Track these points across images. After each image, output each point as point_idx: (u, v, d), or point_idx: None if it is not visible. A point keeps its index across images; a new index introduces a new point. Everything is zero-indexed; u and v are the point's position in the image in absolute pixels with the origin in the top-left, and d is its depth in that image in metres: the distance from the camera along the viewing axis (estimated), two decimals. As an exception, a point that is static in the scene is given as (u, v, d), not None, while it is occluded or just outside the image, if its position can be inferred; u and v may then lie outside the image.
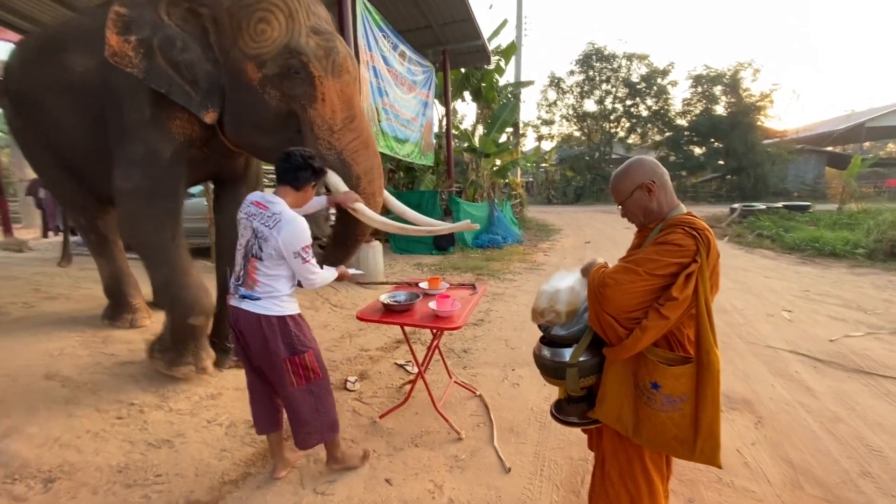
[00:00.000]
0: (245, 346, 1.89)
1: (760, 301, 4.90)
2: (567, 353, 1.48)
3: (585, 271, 1.52)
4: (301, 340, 1.89)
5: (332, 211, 2.75)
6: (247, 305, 1.83)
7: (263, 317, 1.82)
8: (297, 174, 1.86)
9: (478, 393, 2.88)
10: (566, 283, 1.53)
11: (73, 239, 8.63)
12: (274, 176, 2.37)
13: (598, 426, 1.56)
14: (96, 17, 2.78)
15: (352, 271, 2.19)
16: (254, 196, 1.90)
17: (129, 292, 3.72)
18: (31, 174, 12.59)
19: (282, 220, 1.77)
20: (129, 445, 2.28)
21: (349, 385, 2.99)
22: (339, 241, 2.66)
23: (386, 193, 2.71)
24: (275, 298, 1.84)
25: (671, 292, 1.27)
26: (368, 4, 6.07)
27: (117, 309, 3.67)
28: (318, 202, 2.17)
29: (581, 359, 1.46)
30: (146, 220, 2.70)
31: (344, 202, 2.31)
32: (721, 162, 23.15)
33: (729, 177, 23.42)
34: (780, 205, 13.06)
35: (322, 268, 1.94)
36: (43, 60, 3.03)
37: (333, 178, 2.38)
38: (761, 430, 2.41)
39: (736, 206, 13.41)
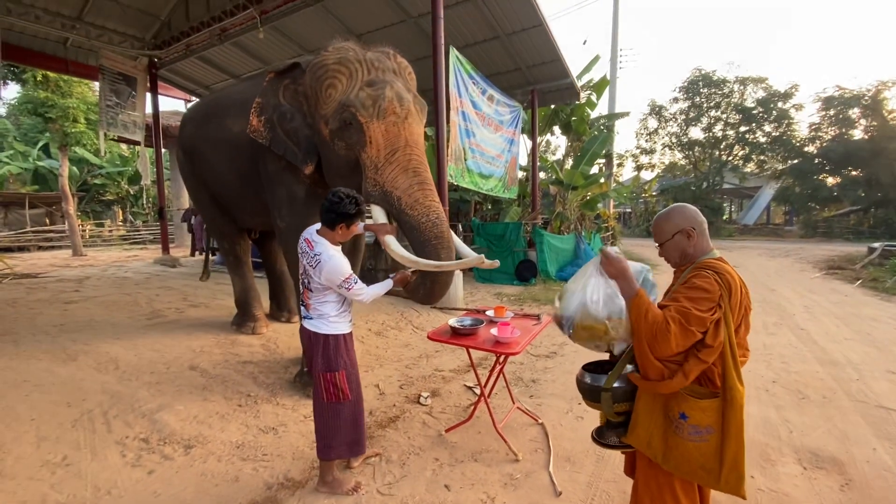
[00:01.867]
0: (307, 357, 2.25)
1: (883, 355, 4.28)
2: (604, 379, 1.63)
3: (605, 262, 1.54)
4: (336, 360, 2.13)
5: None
6: (305, 323, 2.19)
7: (313, 333, 2.15)
8: (326, 216, 2.09)
9: (540, 421, 3.00)
10: (596, 293, 1.55)
11: (212, 258, 10.35)
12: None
13: (632, 451, 1.67)
14: (249, 88, 3.61)
15: (410, 270, 2.43)
16: (306, 233, 2.18)
17: (255, 305, 4.52)
18: (185, 204, 15.38)
19: (321, 260, 2.04)
20: (245, 428, 2.82)
21: (422, 400, 3.30)
22: (423, 274, 2.63)
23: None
24: (324, 319, 2.14)
25: (706, 340, 1.40)
26: (460, 56, 6.71)
27: (244, 318, 4.48)
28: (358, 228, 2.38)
29: (615, 385, 1.60)
30: (295, 256, 3.34)
31: (375, 231, 2.51)
32: (861, 193, 19.98)
33: (873, 210, 20.08)
34: (937, 245, 10.95)
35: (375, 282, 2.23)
36: (208, 121, 3.97)
37: (376, 212, 2.69)
38: (847, 494, 2.22)
39: (876, 245, 11.52)
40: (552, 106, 11.65)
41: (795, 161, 21.83)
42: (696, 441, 1.44)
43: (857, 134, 19.95)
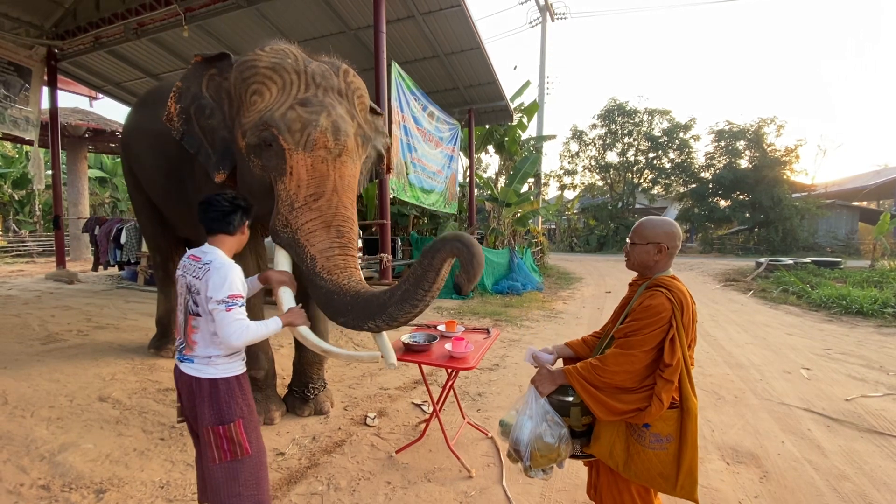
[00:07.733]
0: (185, 408, 1.78)
1: (779, 358, 4.88)
2: (571, 394, 1.67)
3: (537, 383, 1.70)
4: (230, 407, 1.68)
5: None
6: (184, 366, 1.73)
7: (194, 379, 1.69)
8: (229, 218, 1.77)
9: (490, 435, 3.01)
10: (543, 422, 1.63)
11: (121, 273, 9.30)
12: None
13: (593, 461, 1.73)
14: None
15: (311, 337, 2.04)
16: (193, 250, 1.79)
17: (177, 326, 4.10)
18: (85, 212, 13.70)
19: (211, 267, 1.66)
20: (170, 465, 2.52)
21: (368, 421, 3.17)
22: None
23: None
24: (208, 359, 1.70)
25: (665, 360, 1.49)
26: (402, 72, 6.76)
27: (163, 340, 4.04)
28: (251, 284, 2.04)
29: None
30: None
31: (268, 281, 2.11)
32: (747, 215, 22.96)
33: (757, 230, 23.13)
34: (808, 260, 12.84)
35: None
36: (142, 109, 3.59)
37: (280, 256, 2.28)
38: (766, 485, 2.46)
39: (762, 260, 13.23)
40: (487, 126, 12.08)
41: (694, 185, 24.60)
42: (656, 449, 1.52)
43: (744, 163, 22.94)
